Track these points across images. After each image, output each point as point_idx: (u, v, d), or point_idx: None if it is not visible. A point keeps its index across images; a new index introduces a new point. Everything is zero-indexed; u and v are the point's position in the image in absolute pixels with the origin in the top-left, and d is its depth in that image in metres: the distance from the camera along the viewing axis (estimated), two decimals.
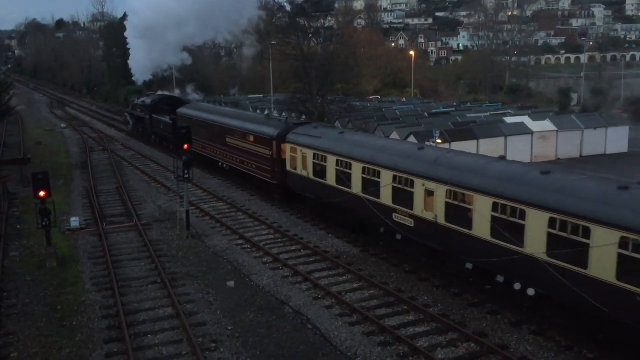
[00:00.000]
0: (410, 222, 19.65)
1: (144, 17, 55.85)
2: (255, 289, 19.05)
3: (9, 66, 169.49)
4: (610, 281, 13.50)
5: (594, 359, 14.53)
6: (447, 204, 18.04)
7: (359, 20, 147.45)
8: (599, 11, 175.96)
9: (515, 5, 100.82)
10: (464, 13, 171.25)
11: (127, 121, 54.29)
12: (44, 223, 21.13)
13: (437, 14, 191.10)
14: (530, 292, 15.74)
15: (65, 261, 21.73)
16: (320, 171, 24.48)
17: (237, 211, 28.16)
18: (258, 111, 53.79)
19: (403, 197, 19.77)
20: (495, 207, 16.35)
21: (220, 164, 34.63)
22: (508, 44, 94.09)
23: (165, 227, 25.79)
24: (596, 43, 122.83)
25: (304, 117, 46.79)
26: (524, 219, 15.51)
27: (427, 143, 32.39)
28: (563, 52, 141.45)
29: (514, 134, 39.02)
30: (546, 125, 40.90)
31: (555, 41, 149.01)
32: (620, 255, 13.24)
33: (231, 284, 19.37)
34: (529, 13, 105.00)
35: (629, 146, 41.86)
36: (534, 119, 42.41)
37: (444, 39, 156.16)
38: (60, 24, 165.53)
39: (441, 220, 18.26)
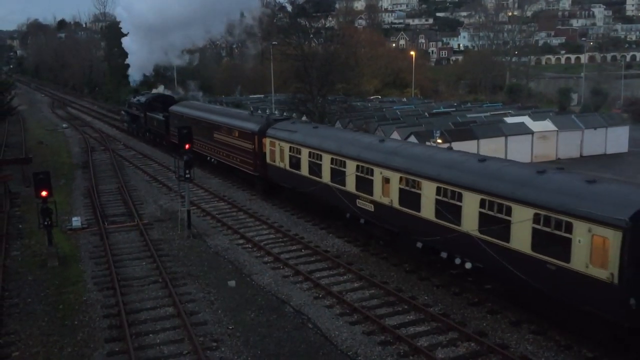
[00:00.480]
0: (371, 207, 21.81)
1: (142, 16, 56.26)
2: (256, 289, 19.11)
3: (11, 66, 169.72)
4: (527, 252, 15.57)
5: (593, 358, 14.58)
6: (400, 189, 20.13)
7: (360, 21, 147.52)
8: (599, 11, 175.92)
9: (516, 5, 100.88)
10: (464, 13, 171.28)
11: (124, 119, 56.66)
12: (46, 222, 21.20)
13: (438, 14, 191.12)
14: (468, 265, 17.84)
15: (66, 260, 21.80)
16: (295, 163, 26.40)
17: (238, 211, 28.22)
18: (259, 111, 53.88)
19: (365, 184, 21.80)
20: (438, 191, 18.51)
21: (208, 158, 36.16)
22: (508, 44, 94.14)
23: (167, 227, 25.86)
24: (596, 43, 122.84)
25: (304, 116, 46.86)
26: (461, 201, 17.70)
27: (427, 143, 32.47)
28: (563, 52, 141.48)
29: (514, 134, 39.05)
30: (546, 125, 40.94)
31: (555, 41, 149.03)
32: (533, 229, 15.32)
33: (232, 283, 19.43)
34: (529, 13, 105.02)
35: (629, 146, 41.88)
36: (534, 119, 42.44)
37: (444, 39, 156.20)
38: (61, 24, 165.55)
39: (396, 204, 20.37)
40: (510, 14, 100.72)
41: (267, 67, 64.34)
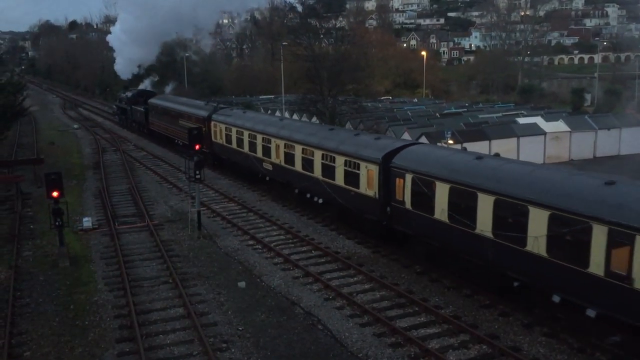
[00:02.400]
0: (270, 167, 29.60)
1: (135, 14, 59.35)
2: (266, 290, 19.06)
3: (23, 67, 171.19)
4: (342, 185, 23.48)
5: None
6: (285, 153, 27.88)
7: (371, 21, 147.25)
8: (612, 11, 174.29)
9: (528, 5, 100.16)
10: (476, 13, 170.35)
11: (115, 112, 64.15)
12: (57, 223, 21.30)
13: (449, 14, 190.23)
14: (319, 200, 25.39)
15: (77, 261, 21.89)
16: (228, 139, 34.40)
17: (248, 212, 28.21)
18: (269, 112, 53.93)
19: (268, 151, 29.40)
20: (303, 151, 25.85)
21: (175, 140, 43.50)
22: (521, 44, 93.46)
23: (177, 228, 25.89)
24: (610, 43, 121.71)
25: (315, 117, 46.82)
26: (312, 156, 25.68)
27: (438, 144, 32.28)
28: (576, 52, 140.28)
29: (527, 135, 38.74)
30: (559, 125, 40.58)
31: (568, 41, 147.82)
32: (345, 170, 22.34)
33: (242, 284, 19.39)
34: (541, 13, 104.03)
35: None
36: (547, 120, 42.11)
37: (455, 39, 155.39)
38: (73, 25, 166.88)
39: (283, 163, 28.10)
40: (522, 13, 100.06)
41: (277, 68, 64.43)
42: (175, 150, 43.96)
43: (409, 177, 20.15)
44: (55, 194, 21.07)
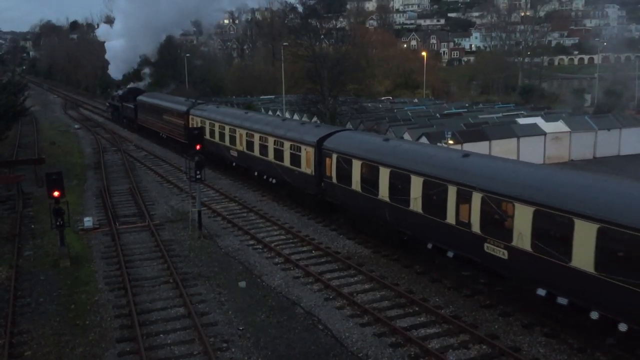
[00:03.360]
0: (236, 154, 33.82)
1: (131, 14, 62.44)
2: (266, 290, 19.09)
3: (24, 67, 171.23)
4: (288, 165, 27.93)
5: None
6: (247, 141, 32.05)
7: (371, 21, 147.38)
8: (612, 11, 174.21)
9: (528, 5, 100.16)
10: (476, 14, 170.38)
11: (109, 110, 68.28)
12: (58, 223, 21.33)
13: (449, 14, 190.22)
14: (270, 179, 29.61)
15: (78, 260, 21.92)
16: (210, 134, 37.12)
17: (249, 211, 28.25)
18: (270, 112, 53.99)
19: (234, 141, 33.73)
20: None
21: (160, 134, 47.85)
22: (521, 45, 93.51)
23: (178, 228, 25.93)
24: (610, 43, 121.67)
25: (315, 118, 46.87)
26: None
27: (439, 144, 32.33)
28: (576, 52, 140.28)
29: (527, 135, 38.76)
30: (559, 126, 40.60)
31: (568, 41, 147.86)
32: (291, 154, 27.59)
33: (242, 284, 19.43)
34: (542, 13, 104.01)
35: None
36: (547, 120, 42.12)
37: (456, 40, 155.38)
38: (74, 25, 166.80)
39: (245, 150, 32.43)
40: (522, 14, 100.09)
41: (278, 68, 64.53)
42: (174, 149, 44.16)
43: (334, 157, 24.49)
44: (56, 193, 21.11)
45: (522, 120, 43.25)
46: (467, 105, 61.19)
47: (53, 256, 22.28)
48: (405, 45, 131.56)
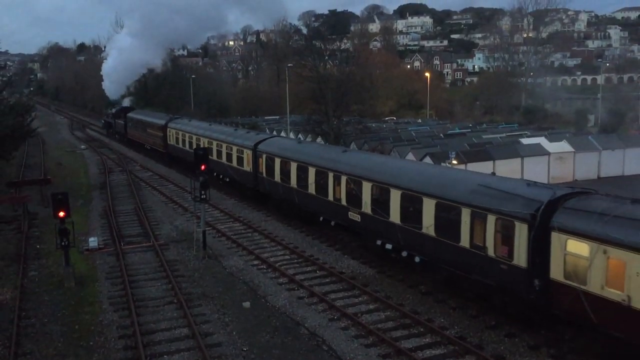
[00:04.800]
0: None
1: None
2: (271, 310, 19.04)
3: (31, 88, 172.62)
4: (235, 166, 34.11)
5: None
6: (216, 150, 37.10)
7: (375, 43, 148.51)
8: (615, 32, 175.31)
9: (531, 27, 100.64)
10: (479, 35, 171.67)
11: (104, 126, 75.53)
12: (63, 243, 21.35)
13: (452, 36, 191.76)
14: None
15: (83, 281, 21.94)
16: (180, 141, 44.57)
17: (253, 231, 28.27)
18: (274, 132, 54.25)
19: (197, 146, 36.59)
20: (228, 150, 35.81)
21: (145, 145, 54.81)
22: (524, 65, 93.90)
23: (182, 248, 25.95)
24: (613, 64, 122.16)
25: (319, 138, 47.09)
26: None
27: (442, 164, 32.40)
28: (579, 73, 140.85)
29: (531, 155, 38.77)
30: (563, 146, 40.62)
31: (571, 62, 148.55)
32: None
33: (247, 304, 19.39)
34: (544, 35, 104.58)
35: None
36: (551, 140, 42.13)
37: (459, 61, 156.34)
38: (81, 47, 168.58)
39: (215, 157, 36.51)
40: (525, 35, 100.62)
41: (282, 89, 64.99)
42: (179, 170, 44.65)
43: (264, 157, 30.96)
44: (61, 214, 21.17)
45: (525, 141, 43.29)
46: (470, 125, 61.35)
47: (58, 276, 22.30)
48: (408, 66, 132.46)
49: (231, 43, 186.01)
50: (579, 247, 14.53)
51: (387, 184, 21.54)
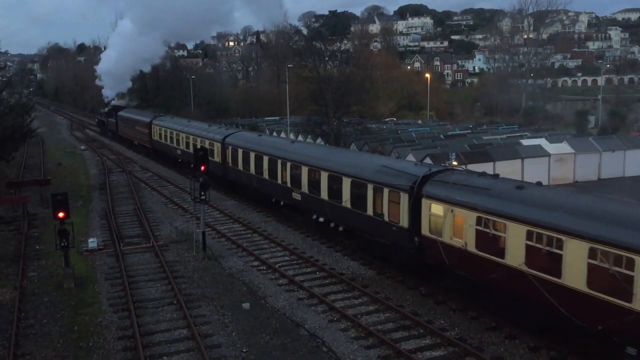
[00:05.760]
0: (179, 152, 44.33)
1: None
2: (270, 311, 19.01)
3: (31, 89, 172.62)
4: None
5: None
6: (193, 144, 39.87)
7: (375, 44, 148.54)
8: (615, 34, 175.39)
9: (531, 28, 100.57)
10: (479, 36, 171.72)
11: (98, 125, 78.96)
12: (63, 244, 21.31)
13: (453, 37, 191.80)
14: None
15: (82, 282, 21.90)
16: (162, 137, 48.50)
17: (253, 232, 28.24)
18: (274, 133, 54.27)
19: (178, 142, 44.38)
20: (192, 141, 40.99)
21: (134, 142, 57.99)
22: (524, 67, 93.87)
23: (182, 248, 25.92)
24: (613, 65, 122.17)
25: (319, 138, 47.08)
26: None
27: (442, 165, 32.35)
28: (580, 74, 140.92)
29: (531, 156, 38.75)
30: (563, 147, 40.60)
31: (571, 64, 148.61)
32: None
33: (247, 305, 19.35)
34: (545, 36, 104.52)
35: None
36: (551, 142, 42.12)
37: (459, 62, 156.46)
38: (81, 48, 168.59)
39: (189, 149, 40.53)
40: (526, 36, 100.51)
41: (282, 90, 65.03)
42: (177, 170, 44.70)
43: (230, 148, 34.84)
44: (61, 214, 21.13)
45: (526, 142, 43.29)
46: (471, 126, 61.35)
47: (57, 277, 22.27)
48: (409, 67, 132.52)
49: (231, 44, 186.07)
50: (437, 209, 18.80)
51: (319, 168, 25.72)
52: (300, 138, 49.72)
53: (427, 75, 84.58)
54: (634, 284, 13.03)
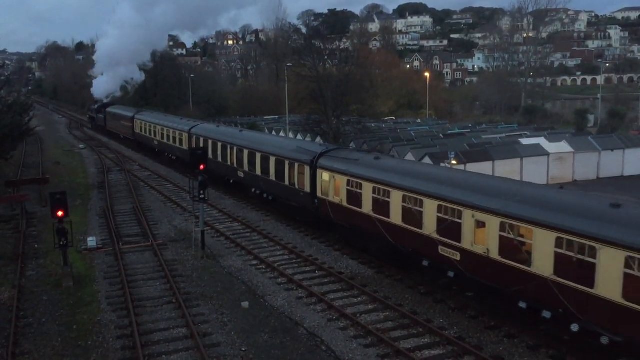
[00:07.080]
0: (157, 143, 49.24)
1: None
2: (269, 310, 18.99)
3: (30, 87, 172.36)
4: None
5: None
6: (172, 136, 45.03)
7: (374, 42, 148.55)
8: (615, 33, 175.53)
9: (531, 27, 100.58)
10: (479, 35, 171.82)
11: (89, 121, 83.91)
12: (61, 242, 21.27)
13: (452, 35, 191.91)
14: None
15: (81, 281, 21.86)
16: (143, 130, 53.19)
17: (252, 231, 28.22)
18: (274, 132, 54.24)
19: (156, 134, 48.89)
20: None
21: (120, 135, 62.87)
22: (524, 66, 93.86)
23: (181, 247, 25.89)
24: (613, 64, 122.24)
25: (318, 137, 47.04)
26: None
27: (442, 164, 32.35)
28: (579, 73, 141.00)
29: (530, 156, 38.76)
30: (563, 146, 40.61)
31: (571, 63, 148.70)
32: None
33: (245, 304, 19.34)
34: (544, 35, 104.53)
35: None
36: (551, 141, 42.14)
37: (459, 61, 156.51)
38: (79, 46, 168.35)
39: (169, 142, 46.21)
40: (525, 35, 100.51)
41: (282, 89, 65.04)
42: (177, 169, 44.62)
43: (194, 137, 40.08)
44: (60, 213, 21.09)
45: (525, 141, 43.28)
46: (470, 125, 61.34)
47: (56, 276, 22.23)
48: (408, 66, 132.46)
49: (230, 42, 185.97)
50: (325, 176, 25.15)
51: (255, 150, 31.56)
52: (299, 137, 49.73)
53: (427, 74, 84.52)
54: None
